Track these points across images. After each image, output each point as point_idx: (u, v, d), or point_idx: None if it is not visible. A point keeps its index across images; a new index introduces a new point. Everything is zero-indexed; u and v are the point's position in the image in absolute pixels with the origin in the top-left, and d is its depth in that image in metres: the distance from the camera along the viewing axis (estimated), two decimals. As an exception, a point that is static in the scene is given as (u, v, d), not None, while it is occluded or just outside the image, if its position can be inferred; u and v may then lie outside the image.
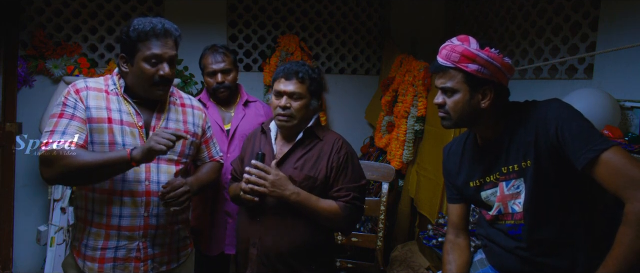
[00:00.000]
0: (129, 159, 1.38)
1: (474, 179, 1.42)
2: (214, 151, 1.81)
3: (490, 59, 1.26)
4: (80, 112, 1.46)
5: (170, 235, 1.63)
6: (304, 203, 1.62)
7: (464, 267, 1.48)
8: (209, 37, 3.08)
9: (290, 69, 1.68)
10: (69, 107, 1.46)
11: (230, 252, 2.19)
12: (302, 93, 1.66)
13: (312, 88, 1.69)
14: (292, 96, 1.66)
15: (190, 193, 1.57)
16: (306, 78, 1.67)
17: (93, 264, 1.52)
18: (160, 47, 1.47)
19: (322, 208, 1.64)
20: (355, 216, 1.71)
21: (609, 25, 2.03)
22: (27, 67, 2.96)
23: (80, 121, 1.45)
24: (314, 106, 1.72)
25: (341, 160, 1.68)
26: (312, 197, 1.64)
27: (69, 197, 2.71)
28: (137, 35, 1.45)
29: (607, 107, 1.79)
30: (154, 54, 1.46)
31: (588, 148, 1.15)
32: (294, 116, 1.67)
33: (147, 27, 1.45)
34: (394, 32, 3.51)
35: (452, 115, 1.33)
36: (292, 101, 1.66)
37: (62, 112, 1.45)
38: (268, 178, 1.60)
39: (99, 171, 1.40)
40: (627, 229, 1.09)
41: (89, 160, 1.37)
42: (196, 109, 1.72)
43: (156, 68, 1.48)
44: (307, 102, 1.68)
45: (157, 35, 1.47)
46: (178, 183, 1.52)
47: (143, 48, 1.46)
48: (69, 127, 1.43)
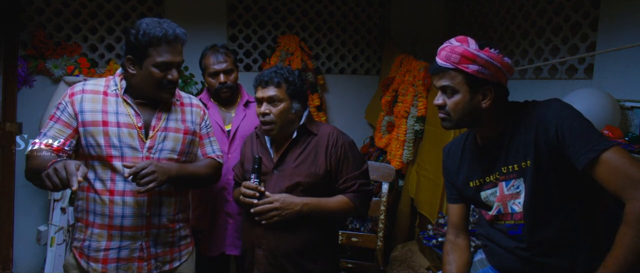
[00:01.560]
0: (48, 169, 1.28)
1: (473, 179, 1.42)
2: (209, 149, 1.77)
3: (490, 59, 1.25)
4: (65, 117, 1.50)
5: (172, 234, 1.63)
6: (315, 209, 1.65)
7: (464, 267, 1.48)
8: (209, 37, 3.08)
9: (267, 75, 1.69)
10: (59, 110, 1.52)
11: (231, 253, 2.18)
12: (280, 97, 1.67)
13: (291, 91, 1.69)
14: (270, 101, 1.68)
15: (157, 174, 1.45)
16: (282, 81, 1.68)
17: (97, 265, 1.53)
18: (172, 54, 1.49)
19: (334, 207, 1.68)
20: (367, 201, 1.78)
21: (609, 25, 2.03)
22: (27, 67, 2.96)
23: (62, 125, 1.50)
24: (296, 109, 1.71)
25: (340, 152, 1.70)
26: (322, 200, 1.66)
27: (69, 197, 2.70)
28: (149, 40, 1.45)
29: (607, 107, 1.79)
30: (164, 61, 1.47)
31: (588, 149, 1.15)
32: (275, 122, 1.67)
33: (160, 33, 1.45)
34: (394, 32, 3.51)
35: (452, 116, 1.33)
36: (271, 107, 1.67)
37: (52, 115, 1.52)
38: (275, 206, 1.62)
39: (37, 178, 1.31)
40: (628, 229, 1.09)
41: (31, 166, 1.42)
42: (195, 107, 1.73)
43: (165, 73, 1.49)
44: (287, 105, 1.69)
45: (168, 41, 1.47)
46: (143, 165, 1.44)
47: (154, 53, 1.46)
48: (51, 129, 1.49)
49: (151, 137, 1.55)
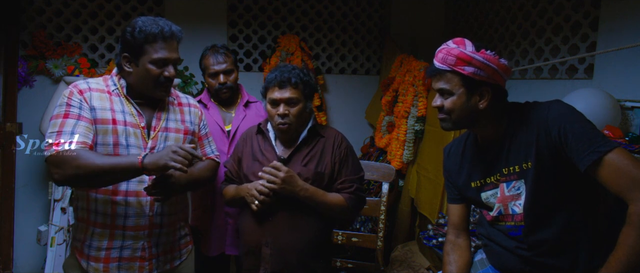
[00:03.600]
0: (140, 168, 1.37)
1: (474, 180, 1.42)
2: (208, 149, 1.80)
3: (486, 61, 1.26)
4: (86, 112, 1.45)
5: (173, 234, 1.64)
6: (312, 197, 1.69)
7: (464, 267, 1.48)
8: (209, 37, 3.08)
9: (283, 76, 1.71)
10: (75, 107, 1.44)
11: (231, 253, 2.18)
12: (298, 98, 1.72)
13: (306, 91, 1.75)
14: (288, 103, 1.71)
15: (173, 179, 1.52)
16: (299, 82, 1.72)
17: (98, 264, 1.52)
18: (168, 50, 1.49)
19: (330, 201, 1.72)
20: (359, 206, 1.82)
21: (609, 25, 2.03)
22: (28, 67, 2.96)
23: (88, 121, 1.44)
24: (309, 108, 1.78)
25: (343, 154, 1.77)
26: (319, 191, 1.71)
27: (69, 197, 2.71)
28: (145, 37, 1.46)
29: (607, 107, 1.79)
30: (160, 58, 1.48)
31: (591, 150, 1.15)
32: (293, 122, 1.73)
33: (155, 30, 1.46)
34: (394, 32, 3.51)
35: (451, 117, 1.33)
36: (289, 108, 1.71)
37: (67, 113, 1.43)
38: (279, 175, 1.64)
39: (109, 175, 1.39)
40: (631, 230, 1.09)
41: (100, 164, 1.35)
42: (193, 107, 1.74)
43: (162, 70, 1.50)
44: (303, 105, 1.74)
45: (164, 38, 1.48)
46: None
47: (150, 50, 1.47)
48: (78, 127, 1.41)
49: (153, 138, 1.55)
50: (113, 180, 1.44)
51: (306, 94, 1.75)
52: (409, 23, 3.52)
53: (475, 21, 3.12)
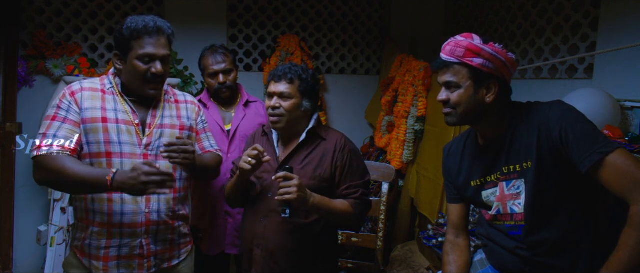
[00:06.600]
0: (108, 186, 1.37)
1: (474, 178, 1.42)
2: (207, 143, 1.80)
3: (495, 53, 1.26)
4: (73, 115, 1.48)
5: (172, 232, 1.64)
6: (320, 205, 1.62)
7: (464, 267, 1.48)
8: (209, 37, 3.08)
9: (281, 71, 1.71)
10: (63, 109, 1.48)
11: (231, 252, 2.19)
12: (291, 93, 1.68)
13: (302, 88, 1.70)
14: (281, 96, 1.69)
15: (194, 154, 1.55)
16: (295, 78, 1.69)
17: (98, 262, 1.54)
18: (153, 46, 1.49)
19: (337, 208, 1.66)
20: (364, 212, 1.77)
21: (609, 25, 2.03)
22: (28, 67, 2.96)
23: (72, 124, 1.48)
24: (305, 107, 1.72)
25: (346, 159, 1.71)
26: (325, 199, 1.65)
27: (69, 197, 2.71)
28: (131, 33, 1.47)
29: (607, 107, 1.79)
30: (146, 53, 1.48)
31: (592, 151, 1.15)
32: (284, 115, 1.68)
33: (140, 25, 1.47)
34: (394, 32, 3.51)
35: (457, 111, 1.32)
36: (281, 101, 1.68)
37: (55, 115, 1.48)
38: (293, 183, 1.53)
39: (79, 186, 1.42)
40: (632, 231, 1.09)
41: (71, 173, 1.38)
42: (190, 103, 1.74)
43: (148, 66, 1.50)
44: (297, 102, 1.69)
45: (149, 33, 1.48)
46: (184, 141, 1.53)
47: (136, 46, 1.48)
48: (61, 130, 1.45)
49: (148, 135, 1.56)
50: (83, 191, 1.47)
51: (302, 91, 1.70)
52: (408, 23, 3.52)
53: (475, 21, 3.12)
